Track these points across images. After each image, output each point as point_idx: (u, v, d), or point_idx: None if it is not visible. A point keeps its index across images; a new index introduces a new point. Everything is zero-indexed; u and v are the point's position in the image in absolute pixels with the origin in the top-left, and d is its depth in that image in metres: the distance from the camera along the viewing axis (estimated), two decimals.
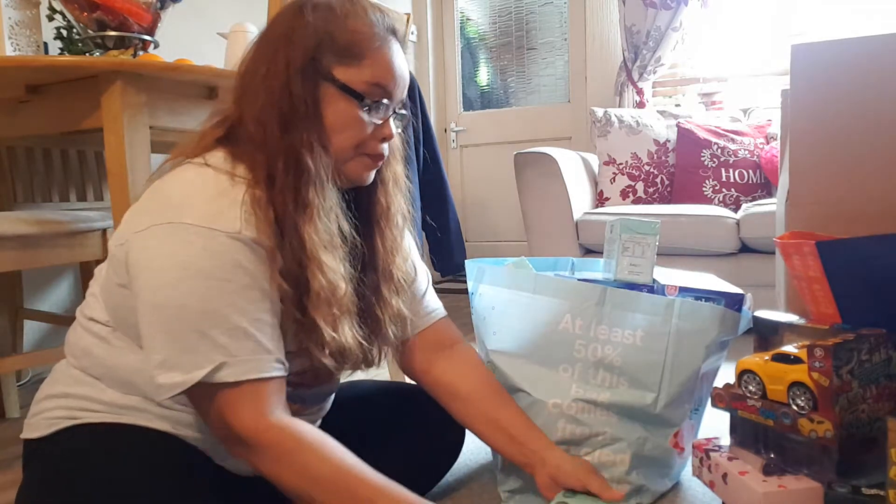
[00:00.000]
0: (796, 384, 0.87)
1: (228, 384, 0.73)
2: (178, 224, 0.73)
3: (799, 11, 2.89)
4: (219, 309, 0.73)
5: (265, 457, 0.75)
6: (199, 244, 0.72)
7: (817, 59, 1.08)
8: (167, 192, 0.77)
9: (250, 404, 0.74)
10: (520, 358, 1.11)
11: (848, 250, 0.94)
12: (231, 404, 0.74)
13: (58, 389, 0.85)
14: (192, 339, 0.72)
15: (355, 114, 0.83)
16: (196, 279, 0.72)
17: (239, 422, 0.74)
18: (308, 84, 0.80)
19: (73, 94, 1.31)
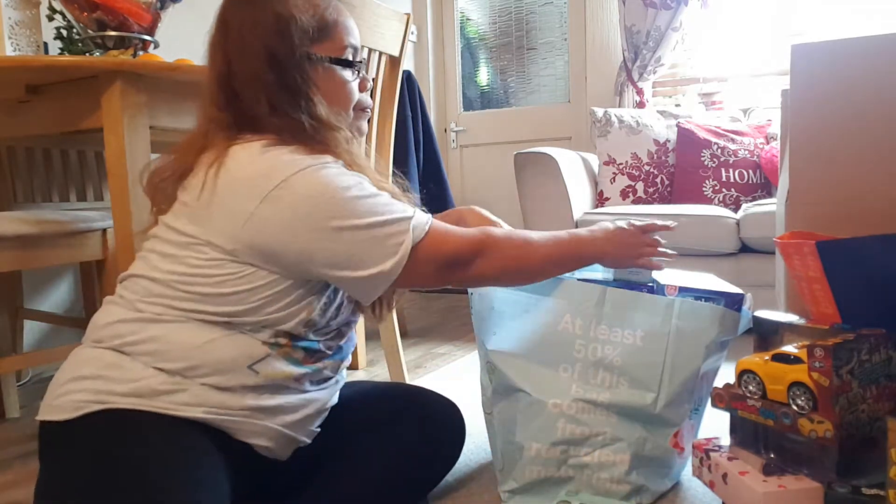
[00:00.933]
0: (796, 384, 0.87)
1: (424, 234, 0.88)
2: (293, 176, 0.83)
3: (799, 11, 2.89)
4: (373, 201, 0.86)
5: (490, 255, 0.93)
6: (324, 177, 0.84)
7: (817, 59, 1.08)
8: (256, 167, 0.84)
9: (448, 232, 0.91)
10: (519, 358, 1.11)
11: (848, 250, 0.94)
12: (439, 242, 0.89)
13: (88, 371, 0.83)
14: (380, 230, 0.85)
15: (343, 79, 0.95)
16: (343, 196, 0.84)
17: (453, 247, 0.90)
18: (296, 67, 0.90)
19: (73, 94, 1.31)
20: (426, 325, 2.70)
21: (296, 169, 0.83)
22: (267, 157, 0.84)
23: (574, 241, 1.01)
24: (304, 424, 0.95)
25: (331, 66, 0.94)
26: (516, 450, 1.09)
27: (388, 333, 1.81)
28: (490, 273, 0.95)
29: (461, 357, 2.16)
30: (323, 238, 0.83)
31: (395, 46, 1.71)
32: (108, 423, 0.80)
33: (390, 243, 0.85)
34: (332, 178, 0.84)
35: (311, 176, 0.83)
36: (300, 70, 0.90)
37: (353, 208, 0.84)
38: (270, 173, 0.83)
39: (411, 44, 3.66)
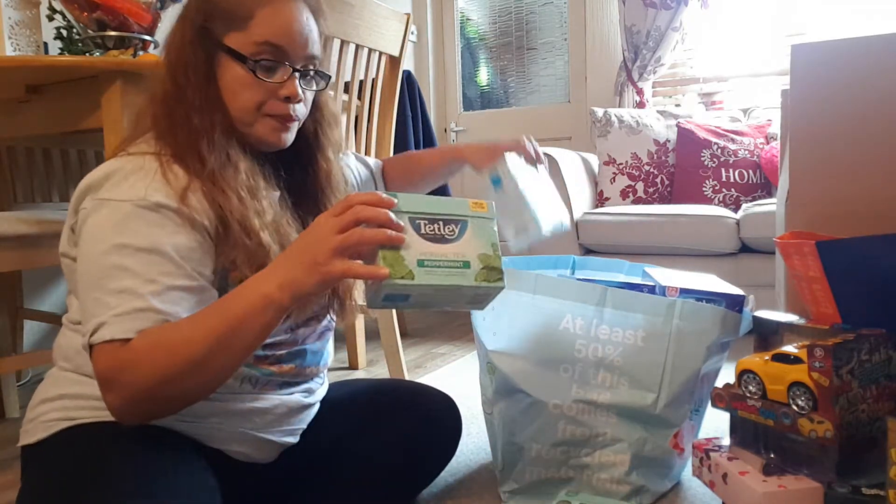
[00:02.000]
0: (796, 384, 0.87)
1: (106, 342, 0.71)
2: (95, 200, 0.78)
3: (799, 11, 2.89)
4: (112, 273, 0.74)
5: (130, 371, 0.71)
6: (105, 215, 0.77)
7: (817, 59, 1.08)
8: (90, 178, 0.81)
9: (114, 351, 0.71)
10: (520, 358, 1.11)
11: (848, 250, 0.94)
12: (101, 358, 0.72)
13: (52, 392, 0.84)
14: (92, 304, 0.74)
15: (246, 76, 0.84)
16: (97, 246, 0.75)
17: (102, 367, 0.71)
18: (200, 54, 0.84)
19: (73, 94, 1.31)
20: (426, 325, 2.70)
21: (105, 196, 0.78)
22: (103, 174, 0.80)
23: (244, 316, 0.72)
24: (279, 425, 0.92)
25: (229, 57, 0.84)
26: (516, 450, 1.09)
27: (388, 333, 1.81)
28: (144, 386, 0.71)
29: (461, 357, 2.16)
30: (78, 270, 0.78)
31: (395, 46, 1.71)
32: (79, 436, 0.80)
33: (88, 323, 0.74)
34: (113, 224, 0.76)
35: (104, 210, 0.77)
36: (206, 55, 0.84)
37: (96, 264, 0.75)
38: (92, 189, 0.80)
39: (411, 44, 3.66)
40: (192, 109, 0.83)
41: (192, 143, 0.82)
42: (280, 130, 0.88)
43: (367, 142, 1.75)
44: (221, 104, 0.85)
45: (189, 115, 0.83)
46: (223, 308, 0.74)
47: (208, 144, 0.82)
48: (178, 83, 0.84)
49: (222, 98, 0.85)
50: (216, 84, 0.85)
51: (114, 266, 0.74)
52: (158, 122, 0.85)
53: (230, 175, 0.83)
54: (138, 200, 0.77)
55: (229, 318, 0.72)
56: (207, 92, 0.84)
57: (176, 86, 0.84)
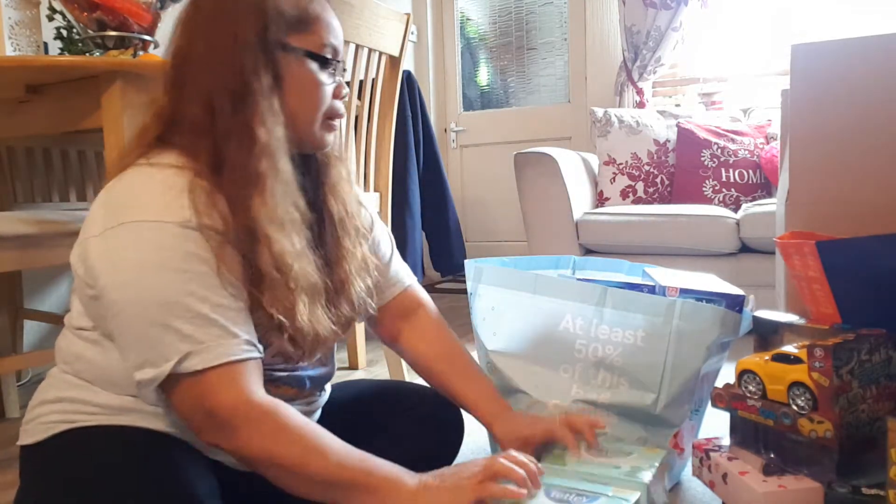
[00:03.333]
0: (796, 384, 0.87)
1: (199, 371, 0.72)
2: (129, 223, 0.73)
3: (799, 11, 2.89)
4: (178, 299, 0.72)
5: (250, 433, 0.73)
6: (150, 239, 0.72)
7: (817, 59, 1.08)
8: (114, 196, 0.77)
9: (227, 386, 0.73)
10: (520, 358, 1.11)
11: (848, 250, 0.94)
12: (208, 390, 0.72)
13: (52, 395, 0.84)
14: (157, 333, 0.72)
15: (317, 78, 0.84)
16: (152, 273, 0.72)
17: (219, 403, 0.72)
18: (262, 58, 0.79)
19: (73, 94, 1.31)
20: None
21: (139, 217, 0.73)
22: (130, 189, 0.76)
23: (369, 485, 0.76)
24: None
25: (303, 59, 0.82)
26: None
27: None
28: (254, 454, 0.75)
29: None
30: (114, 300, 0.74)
31: (395, 46, 1.71)
32: (78, 439, 0.80)
33: (158, 352, 0.72)
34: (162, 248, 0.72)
35: (146, 233, 0.72)
36: (269, 58, 0.80)
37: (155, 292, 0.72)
38: (116, 210, 0.75)
39: (411, 44, 3.66)
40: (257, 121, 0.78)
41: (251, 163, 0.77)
42: (333, 130, 0.89)
43: (367, 142, 1.75)
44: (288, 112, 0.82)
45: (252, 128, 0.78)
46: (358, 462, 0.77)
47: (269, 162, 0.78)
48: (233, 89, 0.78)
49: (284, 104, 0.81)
50: (280, 89, 0.81)
51: (179, 292, 0.72)
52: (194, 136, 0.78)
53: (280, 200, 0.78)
54: (185, 221, 0.73)
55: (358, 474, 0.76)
56: (277, 101, 0.80)
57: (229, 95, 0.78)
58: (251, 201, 0.76)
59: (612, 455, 0.95)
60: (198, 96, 0.79)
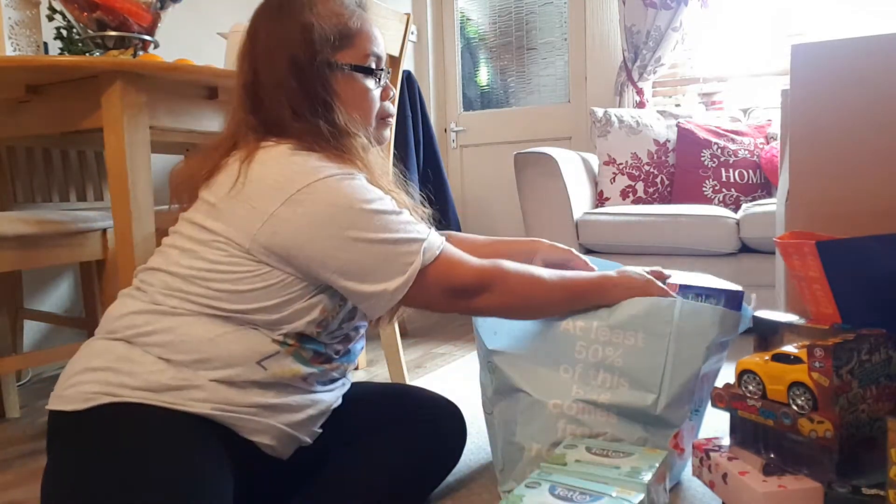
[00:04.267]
0: (796, 384, 0.87)
1: (434, 258, 0.89)
2: (315, 182, 0.85)
3: (799, 11, 2.89)
4: (386, 218, 0.87)
5: (497, 285, 0.94)
6: (343, 187, 0.86)
7: (817, 59, 1.08)
8: (281, 169, 0.87)
9: (458, 260, 0.92)
10: (520, 358, 1.11)
11: (848, 250, 0.94)
12: (447, 268, 0.91)
13: (99, 363, 0.84)
14: (391, 248, 0.87)
15: (365, 86, 0.97)
16: (359, 209, 0.85)
17: (461, 277, 0.91)
18: (317, 76, 0.93)
19: (73, 94, 1.31)
20: (426, 325, 2.71)
21: (321, 175, 0.85)
22: (293, 161, 0.87)
23: (589, 289, 1.05)
24: (308, 424, 0.95)
25: (351, 73, 0.96)
26: (516, 450, 1.09)
27: (388, 333, 1.81)
28: (494, 307, 0.97)
29: (461, 357, 2.16)
30: (336, 246, 0.85)
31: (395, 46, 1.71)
32: (116, 416, 0.80)
33: (400, 262, 0.87)
34: (356, 189, 0.86)
35: (336, 184, 0.85)
36: (321, 77, 0.93)
37: (370, 221, 0.86)
38: (295, 177, 0.85)
39: (411, 44, 3.66)
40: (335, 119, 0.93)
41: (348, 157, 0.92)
42: (387, 127, 1.05)
43: None
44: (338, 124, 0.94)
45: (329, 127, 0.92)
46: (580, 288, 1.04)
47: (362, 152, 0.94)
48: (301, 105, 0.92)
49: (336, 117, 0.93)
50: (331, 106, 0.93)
51: (380, 212, 0.87)
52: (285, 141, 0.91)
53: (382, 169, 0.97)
54: (353, 173, 0.88)
55: (580, 297, 1.05)
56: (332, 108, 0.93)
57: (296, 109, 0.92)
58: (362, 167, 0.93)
59: (613, 455, 0.95)
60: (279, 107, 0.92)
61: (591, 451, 0.97)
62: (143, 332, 0.85)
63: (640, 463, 0.93)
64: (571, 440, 1.04)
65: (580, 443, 1.01)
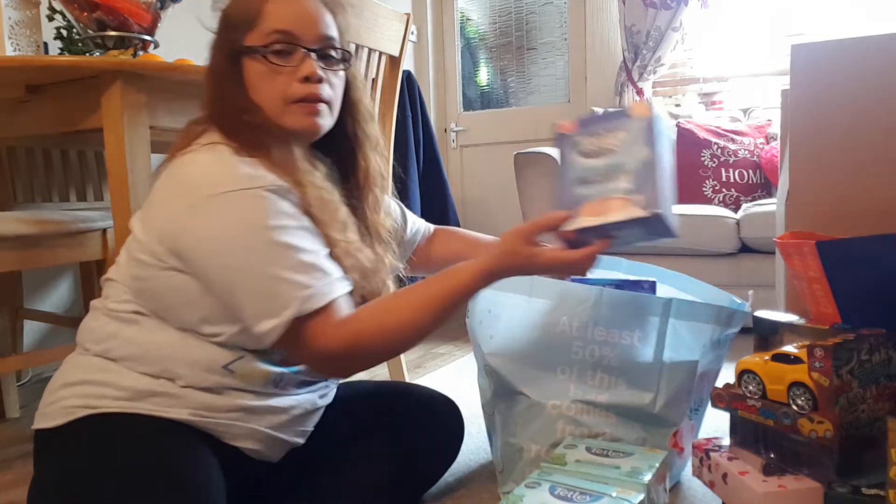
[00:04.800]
0: (796, 384, 0.87)
1: (313, 313, 0.79)
2: (219, 195, 0.79)
3: (799, 11, 2.89)
4: (282, 253, 0.79)
5: (360, 351, 0.82)
6: (246, 203, 0.79)
7: (817, 59, 1.08)
8: (190, 175, 0.82)
9: (332, 323, 0.80)
10: (517, 360, 1.11)
11: (848, 250, 0.94)
12: (323, 329, 0.80)
13: (75, 376, 0.84)
14: (272, 286, 0.78)
15: (266, 67, 0.87)
16: (254, 234, 0.78)
17: (326, 342, 0.80)
18: (229, 65, 0.89)
19: (73, 94, 1.30)
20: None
21: (226, 188, 0.79)
22: (206, 165, 0.83)
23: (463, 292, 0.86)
24: (293, 426, 0.93)
25: (254, 56, 0.88)
26: (516, 451, 1.09)
27: None
28: (368, 366, 0.88)
29: (461, 357, 2.16)
30: (220, 266, 0.80)
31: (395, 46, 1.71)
32: (97, 427, 0.80)
33: (276, 303, 0.78)
34: (257, 210, 0.79)
35: (238, 200, 0.79)
36: (235, 65, 0.88)
37: (259, 249, 0.78)
38: (202, 183, 0.81)
39: (411, 44, 3.66)
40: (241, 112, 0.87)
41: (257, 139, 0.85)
42: (311, 114, 0.89)
43: None
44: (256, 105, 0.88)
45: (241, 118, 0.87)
46: (439, 281, 0.86)
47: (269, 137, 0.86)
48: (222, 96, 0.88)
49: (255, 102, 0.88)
50: (245, 89, 0.88)
51: (281, 245, 0.79)
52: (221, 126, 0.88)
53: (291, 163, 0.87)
54: (267, 186, 0.80)
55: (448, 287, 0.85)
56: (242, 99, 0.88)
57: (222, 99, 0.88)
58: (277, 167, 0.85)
59: (613, 455, 0.95)
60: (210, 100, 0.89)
61: (591, 452, 0.97)
62: (109, 347, 0.84)
63: (639, 463, 0.93)
64: (571, 440, 1.04)
65: (580, 443, 1.01)
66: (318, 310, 0.79)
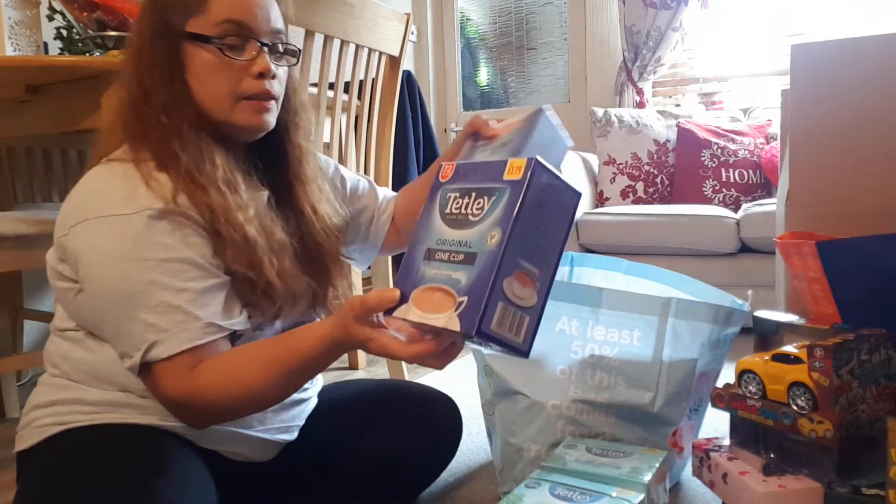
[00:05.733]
0: (796, 384, 0.87)
1: (164, 359, 0.74)
2: (92, 219, 0.76)
3: (799, 11, 2.89)
4: (141, 289, 0.74)
5: (207, 408, 0.77)
6: (111, 232, 0.75)
7: (817, 59, 1.08)
8: (77, 194, 0.80)
9: (178, 373, 0.75)
10: (516, 360, 1.10)
11: (848, 250, 0.94)
12: (164, 378, 0.75)
13: (44, 399, 0.84)
14: (127, 324, 0.75)
15: (217, 59, 0.81)
16: (116, 265, 0.75)
17: (168, 391, 0.75)
18: (162, 49, 0.81)
19: (73, 94, 1.31)
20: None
21: (102, 212, 0.76)
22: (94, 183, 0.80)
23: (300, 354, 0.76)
24: (270, 423, 0.91)
25: (198, 44, 0.81)
26: (515, 451, 1.09)
27: None
28: (225, 419, 0.82)
29: (461, 357, 2.16)
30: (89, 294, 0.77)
31: (395, 46, 1.71)
32: (72, 441, 0.80)
33: (129, 342, 0.75)
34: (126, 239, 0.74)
35: (110, 226, 0.75)
36: (170, 52, 0.81)
37: (122, 282, 0.74)
38: (84, 205, 0.78)
39: (411, 44, 3.66)
40: (160, 109, 0.80)
41: (165, 144, 0.80)
42: (260, 111, 0.84)
43: (367, 142, 1.75)
44: (190, 98, 0.82)
45: (157, 115, 0.80)
46: (283, 342, 0.77)
47: (180, 142, 0.80)
48: (143, 84, 0.81)
49: (190, 92, 0.82)
50: (182, 78, 0.82)
51: (141, 282, 0.74)
52: (130, 129, 0.82)
53: (207, 170, 0.80)
54: (143, 210, 0.75)
55: (292, 350, 0.76)
56: (173, 88, 0.81)
57: (141, 88, 0.81)
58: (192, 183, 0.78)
59: (613, 455, 0.95)
60: (126, 93, 0.83)
61: (591, 452, 0.97)
62: (66, 369, 0.83)
63: (639, 463, 0.93)
64: (571, 440, 1.04)
65: (580, 443, 1.01)
66: (167, 357, 0.74)
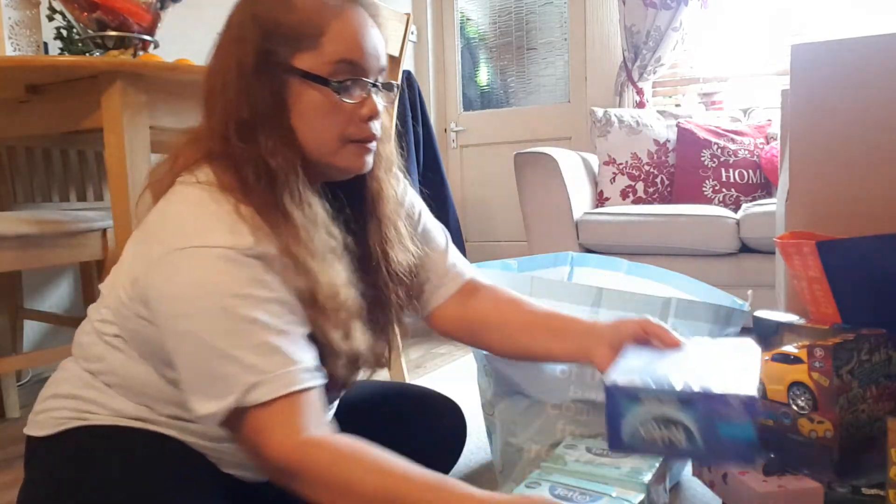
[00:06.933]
0: (796, 384, 0.87)
1: (261, 404, 0.68)
2: (191, 248, 0.69)
3: (799, 11, 2.89)
4: (242, 328, 0.69)
5: (303, 480, 0.69)
6: (213, 265, 0.69)
7: (817, 59, 1.08)
8: (173, 217, 0.74)
9: (283, 424, 0.69)
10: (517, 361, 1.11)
11: (848, 250, 0.94)
12: (264, 427, 0.69)
13: (66, 389, 0.83)
14: (221, 364, 0.68)
15: (328, 101, 0.76)
16: (215, 301, 0.68)
17: (271, 446, 0.69)
18: (266, 82, 0.74)
19: (73, 94, 1.31)
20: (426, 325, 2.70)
21: (196, 243, 0.69)
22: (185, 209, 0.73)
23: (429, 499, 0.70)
24: None
25: (306, 82, 0.75)
26: (516, 451, 1.09)
27: None
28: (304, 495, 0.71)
29: (461, 357, 2.16)
30: (173, 332, 0.71)
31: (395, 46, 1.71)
32: (90, 437, 0.79)
33: (223, 384, 0.69)
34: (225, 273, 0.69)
35: (206, 259, 0.69)
36: (271, 81, 0.74)
37: (217, 319, 0.68)
38: (175, 233, 0.71)
39: (411, 44, 3.66)
40: (267, 153, 0.74)
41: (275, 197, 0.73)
42: (364, 154, 0.80)
43: None
44: (293, 138, 0.76)
45: (264, 160, 0.74)
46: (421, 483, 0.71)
47: (291, 196, 0.74)
48: (241, 117, 0.74)
49: (294, 132, 0.76)
50: (288, 117, 0.76)
51: (243, 319, 0.68)
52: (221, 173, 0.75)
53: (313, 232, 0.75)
54: (244, 249, 0.70)
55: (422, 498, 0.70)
56: (280, 127, 0.75)
57: (241, 125, 0.74)
58: (286, 236, 0.73)
59: (613, 455, 0.95)
60: (215, 125, 0.76)
61: (591, 451, 0.97)
62: (96, 369, 0.81)
63: (639, 463, 0.93)
64: (571, 440, 1.04)
65: (580, 443, 1.01)
66: (266, 402, 0.68)
